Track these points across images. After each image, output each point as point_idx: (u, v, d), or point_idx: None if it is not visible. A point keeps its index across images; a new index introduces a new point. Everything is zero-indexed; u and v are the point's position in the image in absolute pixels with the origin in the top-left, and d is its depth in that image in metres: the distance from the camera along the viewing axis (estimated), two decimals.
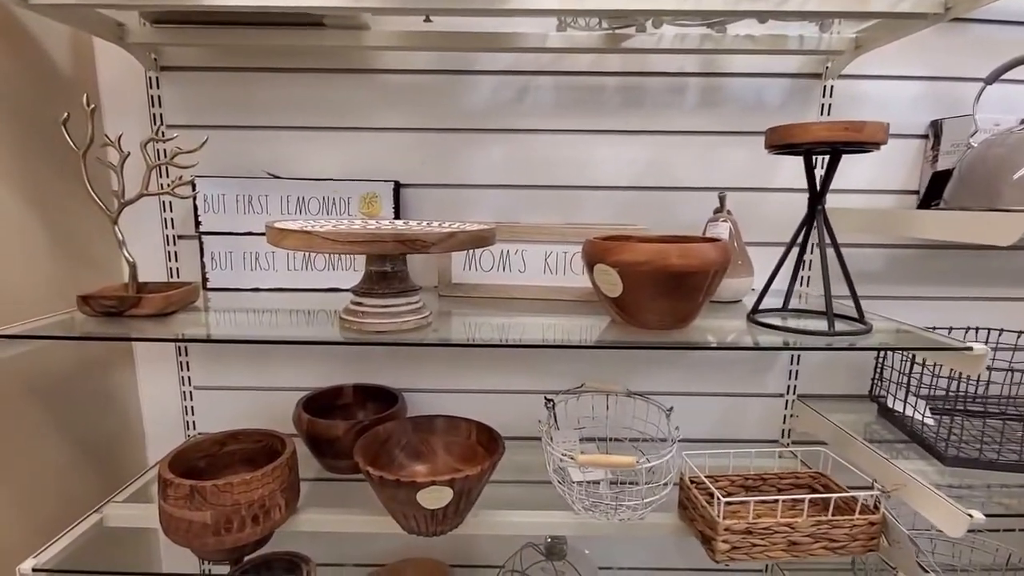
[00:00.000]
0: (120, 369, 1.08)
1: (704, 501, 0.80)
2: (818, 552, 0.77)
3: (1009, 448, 0.87)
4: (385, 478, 0.74)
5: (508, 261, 0.95)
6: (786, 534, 0.76)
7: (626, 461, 0.76)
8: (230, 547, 0.77)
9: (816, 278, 1.06)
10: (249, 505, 0.77)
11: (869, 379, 1.07)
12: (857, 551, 0.78)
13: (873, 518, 0.77)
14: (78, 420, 0.98)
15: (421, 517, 0.78)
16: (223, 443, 0.91)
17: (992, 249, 1.06)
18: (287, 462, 0.82)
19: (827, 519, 0.76)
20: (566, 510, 0.86)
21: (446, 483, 0.74)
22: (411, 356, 1.10)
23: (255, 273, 0.99)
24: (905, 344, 0.77)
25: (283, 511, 0.82)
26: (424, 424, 0.94)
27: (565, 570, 0.95)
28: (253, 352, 1.10)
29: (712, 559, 0.77)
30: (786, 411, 1.12)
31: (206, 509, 0.75)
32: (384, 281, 0.73)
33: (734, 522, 0.75)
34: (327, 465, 0.98)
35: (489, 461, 0.79)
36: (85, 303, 0.78)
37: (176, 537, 0.77)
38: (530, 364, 1.10)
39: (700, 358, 1.10)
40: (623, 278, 0.70)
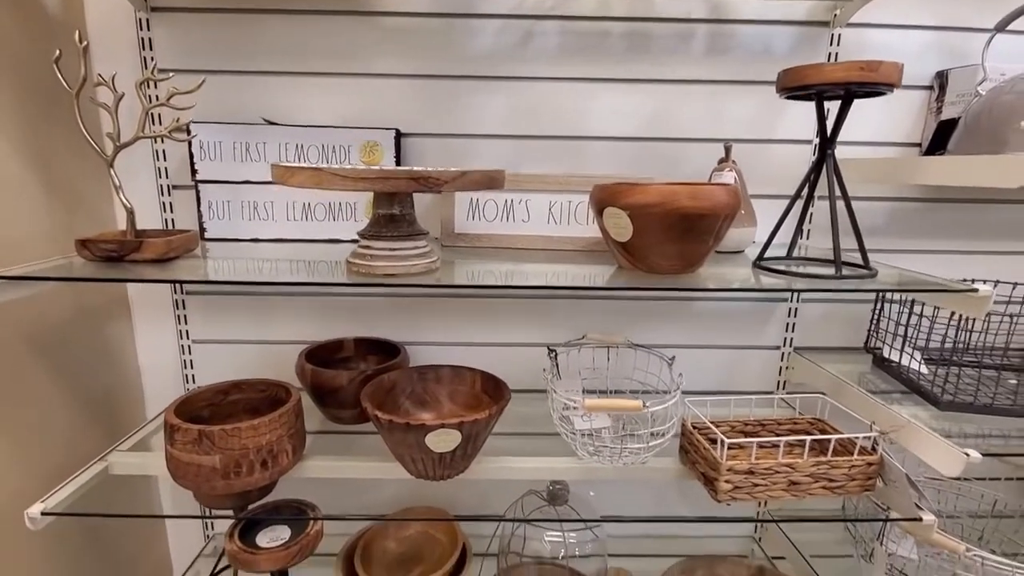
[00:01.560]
0: (117, 321, 1.06)
1: (706, 444, 0.81)
2: (817, 492, 0.79)
3: (1003, 395, 0.90)
4: (394, 422, 0.74)
5: (512, 211, 0.94)
6: (787, 474, 0.78)
7: (632, 404, 0.77)
8: (239, 491, 0.78)
9: (817, 231, 1.06)
10: (257, 450, 0.77)
11: (865, 331, 1.09)
12: (854, 491, 0.80)
13: (871, 459, 0.79)
14: (76, 372, 0.97)
15: (429, 461, 0.79)
16: (226, 392, 0.91)
17: (995, 202, 1.07)
18: (293, 409, 0.82)
19: (826, 460, 0.78)
20: (569, 456, 0.88)
21: (454, 426, 0.74)
22: (412, 308, 1.10)
23: (254, 223, 0.98)
24: (910, 286, 0.77)
25: (290, 457, 0.82)
26: (429, 373, 0.94)
27: (567, 515, 0.97)
28: (252, 305, 1.09)
29: (714, 499, 0.78)
30: (782, 363, 1.13)
31: (214, 453, 0.75)
32: (392, 224, 0.72)
33: (736, 462, 0.77)
34: (331, 415, 0.98)
35: (496, 406, 0.79)
36: (84, 247, 0.76)
37: (185, 482, 0.77)
38: (533, 316, 1.11)
39: (701, 310, 1.11)
40: (633, 221, 0.70)
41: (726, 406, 0.94)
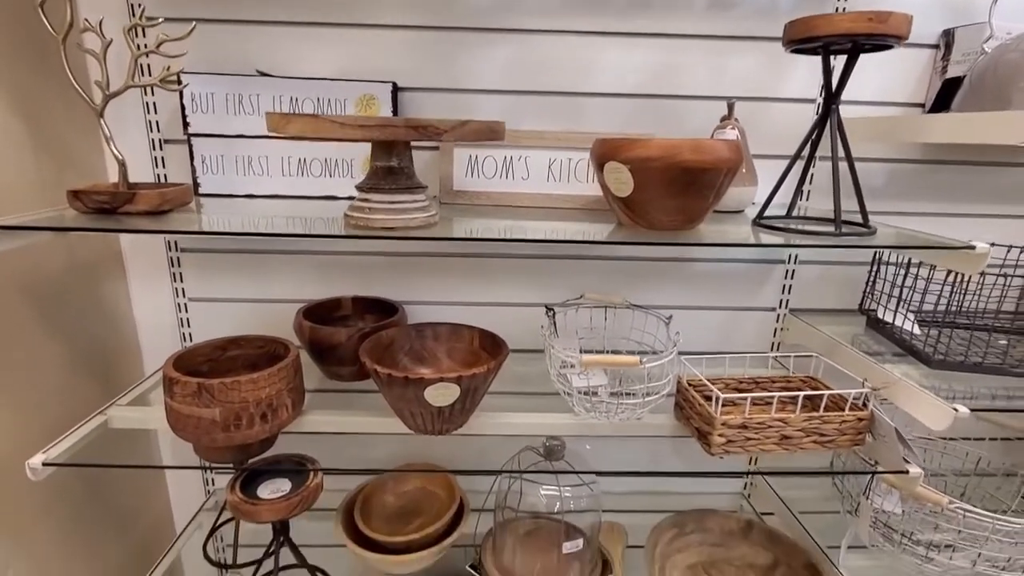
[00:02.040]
0: (112, 279, 1.06)
1: (701, 400, 0.82)
2: (808, 446, 0.81)
3: (993, 354, 0.91)
4: (393, 375, 0.75)
5: (511, 168, 0.93)
6: (779, 428, 0.79)
7: (629, 360, 0.78)
8: (239, 443, 0.78)
9: (817, 193, 1.06)
10: (257, 403, 0.78)
11: (860, 293, 1.10)
12: (844, 445, 0.82)
13: (862, 414, 0.81)
14: (72, 328, 0.96)
15: (428, 415, 0.80)
16: (224, 348, 0.91)
17: (997, 165, 1.06)
18: (292, 364, 0.83)
19: (818, 415, 0.80)
20: (566, 413, 0.89)
21: (453, 380, 0.75)
22: (410, 268, 1.09)
23: (248, 178, 0.96)
24: (908, 243, 0.78)
25: (290, 411, 0.83)
26: (427, 331, 0.95)
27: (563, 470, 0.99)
28: (248, 263, 1.08)
29: (708, 452, 0.80)
30: (777, 324, 1.15)
31: (214, 406, 0.76)
32: (391, 176, 0.71)
33: (730, 417, 0.78)
34: (329, 372, 0.99)
35: (495, 361, 0.80)
36: (76, 198, 0.75)
37: (185, 434, 0.78)
38: (531, 277, 1.11)
39: (699, 271, 1.11)
40: (634, 175, 0.69)
41: (721, 365, 0.95)
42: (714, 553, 1.05)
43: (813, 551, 0.99)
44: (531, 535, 1.08)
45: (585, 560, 1.01)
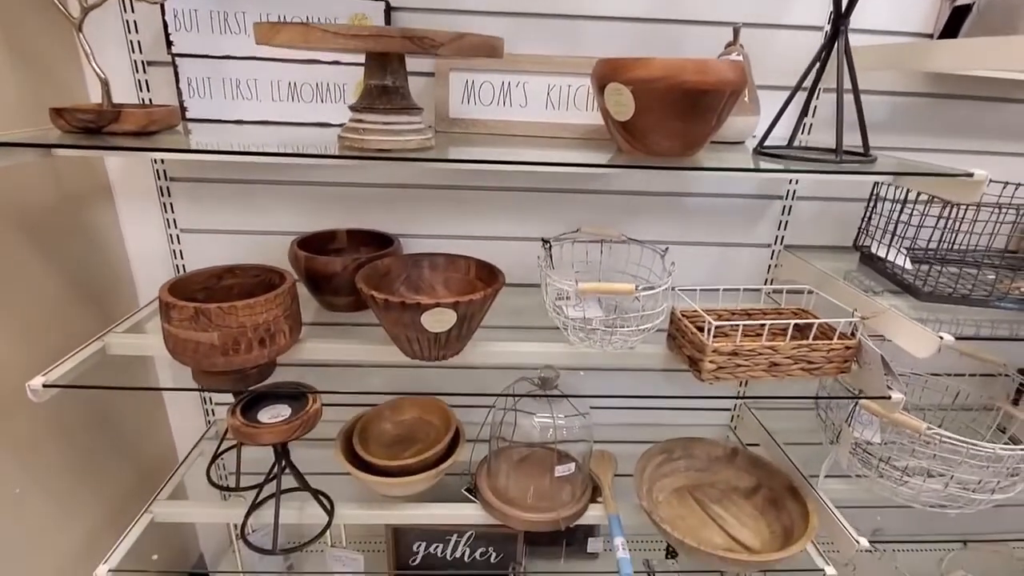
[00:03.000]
0: (101, 210, 1.04)
1: (694, 329, 0.84)
2: (795, 373, 0.83)
3: (981, 288, 0.92)
4: (390, 301, 0.75)
5: (509, 94, 0.91)
6: (768, 356, 0.81)
7: (624, 288, 0.79)
8: (239, 367, 0.79)
9: (819, 127, 1.04)
10: (255, 328, 0.78)
11: (855, 230, 1.10)
12: (831, 373, 0.84)
13: (849, 343, 0.83)
14: (64, 259, 0.96)
15: (424, 341, 0.81)
16: (220, 276, 0.90)
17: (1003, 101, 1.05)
18: (288, 291, 0.83)
19: (807, 343, 0.82)
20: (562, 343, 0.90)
21: (450, 306, 0.76)
22: (406, 200, 1.08)
23: (237, 103, 0.93)
24: (907, 171, 0.77)
25: (287, 337, 0.83)
26: (424, 261, 0.94)
27: (557, 400, 1.01)
28: (240, 194, 1.06)
29: (698, 379, 0.82)
30: (771, 261, 1.15)
31: (212, 330, 0.76)
32: (385, 96, 0.69)
33: (721, 344, 0.79)
34: (326, 303, 0.99)
35: (491, 288, 0.80)
36: (60, 116, 0.72)
37: (184, 358, 0.79)
38: (527, 210, 1.10)
39: (695, 206, 1.11)
40: (636, 97, 0.68)
41: (715, 299, 0.96)
42: (700, 478, 1.09)
43: (794, 475, 1.04)
44: (525, 461, 1.12)
45: (576, 484, 1.05)
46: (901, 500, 0.99)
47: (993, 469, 0.91)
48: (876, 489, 1.01)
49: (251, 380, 0.97)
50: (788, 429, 1.20)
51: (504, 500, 1.01)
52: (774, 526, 0.99)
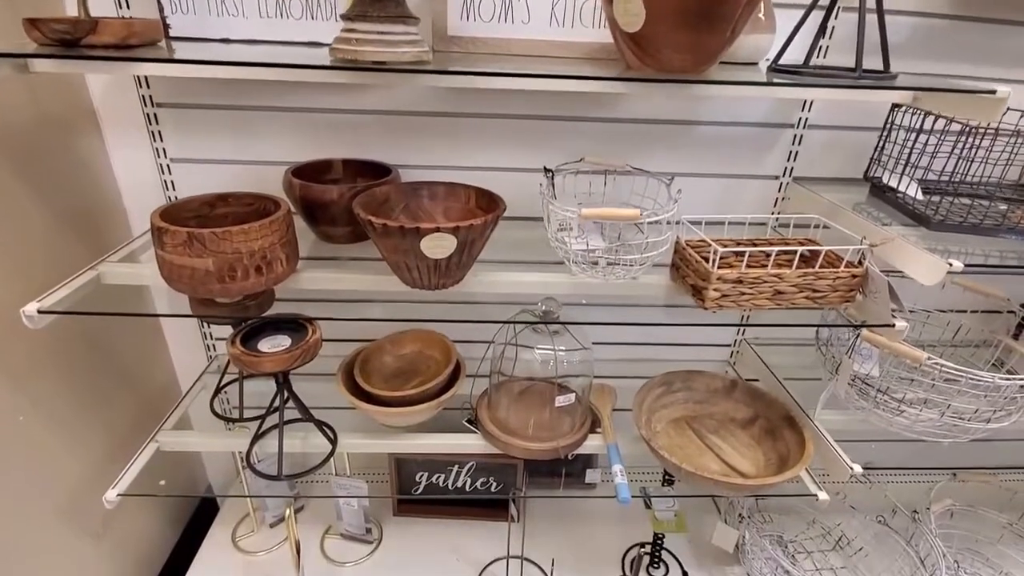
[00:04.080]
0: (87, 137, 1.00)
1: (698, 258, 0.82)
2: (800, 302, 0.82)
3: (992, 218, 0.90)
4: (389, 226, 0.73)
5: (510, 10, 0.86)
6: (773, 284, 0.80)
7: (629, 213, 0.77)
8: (236, 293, 0.78)
9: (835, 49, 0.99)
10: (251, 255, 0.77)
11: (866, 161, 1.07)
12: (835, 302, 0.83)
13: (856, 271, 0.81)
14: (52, 189, 0.93)
15: (424, 268, 0.79)
16: (213, 204, 0.88)
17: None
18: (284, 218, 0.81)
19: (813, 271, 0.80)
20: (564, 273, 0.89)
21: (450, 231, 0.74)
22: (403, 128, 1.04)
23: (222, 20, 0.88)
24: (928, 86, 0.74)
25: (284, 265, 0.82)
26: (423, 189, 0.92)
27: (558, 330, 1.01)
28: (231, 121, 1.02)
29: (701, 307, 0.81)
30: (779, 194, 1.13)
31: (207, 256, 0.74)
32: (379, 3, 0.65)
33: (726, 271, 0.78)
34: (323, 235, 0.97)
35: (492, 214, 0.78)
36: (34, 27, 0.68)
37: (180, 285, 0.78)
38: (529, 139, 1.06)
39: (703, 135, 1.07)
40: (646, 4, 0.64)
41: (720, 232, 0.94)
42: (698, 409, 1.11)
43: (792, 407, 1.05)
44: (525, 394, 1.13)
45: (576, 415, 1.06)
46: (896, 431, 1.00)
47: (990, 399, 0.92)
48: (872, 420, 1.02)
49: (250, 313, 0.96)
50: (787, 365, 1.21)
51: (504, 430, 1.02)
52: (770, 455, 1.01)
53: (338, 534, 1.28)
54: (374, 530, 1.28)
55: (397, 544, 1.28)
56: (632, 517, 1.31)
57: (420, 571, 1.21)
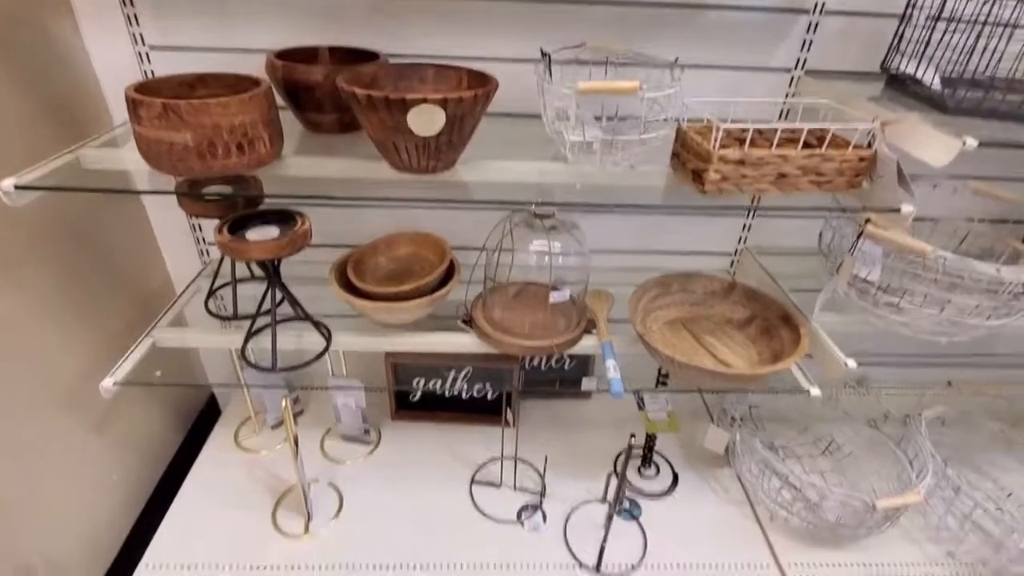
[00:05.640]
0: (62, 22, 0.95)
1: (700, 140, 0.78)
2: (804, 186, 0.79)
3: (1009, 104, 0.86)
4: (373, 97, 0.70)
5: None
6: (777, 166, 0.77)
7: (629, 86, 0.73)
8: (218, 172, 0.76)
9: None
10: (231, 130, 0.74)
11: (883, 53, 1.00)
12: (841, 187, 0.80)
13: (864, 153, 0.78)
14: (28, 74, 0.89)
15: (412, 148, 0.76)
16: (192, 85, 0.84)
17: None
18: (265, 94, 0.77)
19: (820, 152, 0.77)
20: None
21: (438, 103, 0.70)
22: (391, 13, 0.99)
23: None
24: None
25: (268, 147, 0.79)
26: (411, 72, 0.87)
27: (554, 226, 0.99)
28: (212, 5, 0.97)
29: (700, 191, 0.78)
30: (790, 88, 1.07)
31: (184, 130, 0.71)
32: None
33: (728, 151, 0.75)
34: (309, 123, 0.94)
35: (483, 90, 0.74)
36: None
37: (159, 163, 0.75)
38: (525, 25, 1.00)
39: (710, 22, 1.01)
40: None
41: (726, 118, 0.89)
42: (695, 311, 1.10)
43: (789, 307, 1.04)
44: (520, 296, 1.12)
45: (571, 316, 1.06)
46: (895, 329, 0.99)
47: (993, 294, 0.90)
48: (871, 321, 1.01)
49: (238, 206, 0.94)
50: (789, 274, 1.18)
51: (499, 330, 1.02)
52: (764, 352, 1.00)
53: (337, 436, 1.31)
54: (372, 432, 1.31)
55: (395, 446, 1.31)
56: (625, 422, 1.33)
57: (417, 469, 1.25)
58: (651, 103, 0.76)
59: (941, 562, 1.10)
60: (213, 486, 1.19)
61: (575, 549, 1.09)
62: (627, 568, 1.06)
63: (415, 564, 1.05)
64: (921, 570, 1.09)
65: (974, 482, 1.10)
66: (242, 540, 1.08)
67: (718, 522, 1.17)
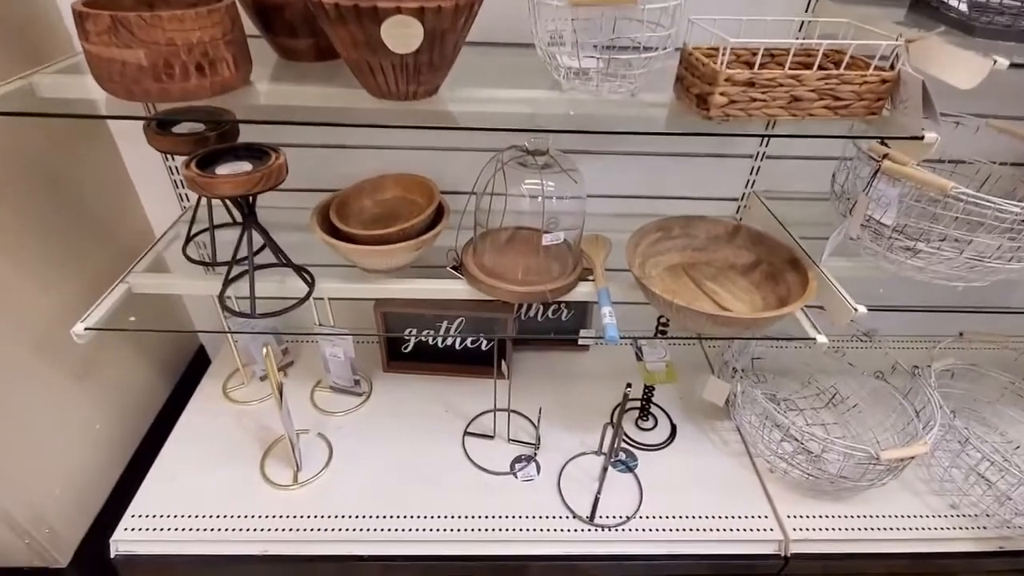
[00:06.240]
0: None
1: (706, 60, 0.71)
2: (818, 111, 0.72)
3: None
4: (342, 5, 0.63)
5: None
6: (790, 88, 0.70)
7: None
8: (178, 96, 0.69)
9: None
10: (188, 49, 0.67)
11: None
12: (859, 113, 0.73)
13: (887, 75, 0.71)
14: None
15: (389, 69, 0.69)
16: (151, 5, 0.77)
17: None
18: (227, 9, 0.70)
19: (837, 73, 0.70)
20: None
21: (413, 13, 0.63)
22: None
23: None
24: None
25: (232, 70, 0.72)
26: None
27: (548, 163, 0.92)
28: None
29: (706, 116, 0.72)
30: (807, 16, 0.99)
31: (137, 47, 0.65)
32: None
33: (736, 72, 0.68)
34: (281, 47, 0.86)
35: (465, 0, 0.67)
36: None
37: (112, 85, 0.69)
38: None
39: None
40: None
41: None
42: (697, 256, 1.04)
43: (796, 250, 0.98)
44: (512, 241, 1.06)
45: (567, 261, 1.00)
46: (909, 274, 0.93)
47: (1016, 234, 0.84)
48: (884, 265, 0.95)
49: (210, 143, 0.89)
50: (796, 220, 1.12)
51: (491, 276, 0.97)
52: (769, 297, 0.95)
53: (327, 387, 1.28)
54: (363, 383, 1.28)
55: (387, 397, 1.28)
56: (623, 374, 1.30)
57: (409, 420, 1.22)
58: (653, 21, 0.69)
59: (944, 514, 1.07)
60: (201, 437, 1.17)
61: (569, 500, 1.07)
62: (622, 519, 1.04)
63: (405, 515, 1.03)
64: (923, 522, 1.06)
65: (981, 435, 1.06)
66: (230, 490, 1.06)
67: (716, 474, 1.14)
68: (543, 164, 0.92)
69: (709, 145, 1.15)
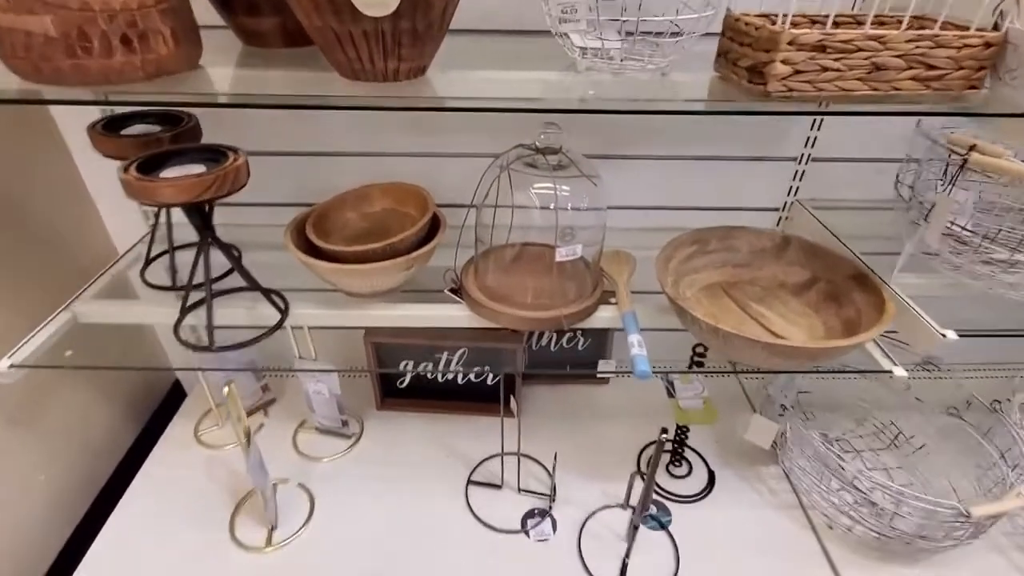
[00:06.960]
0: None
1: (759, 24, 0.57)
2: (905, 84, 0.57)
3: None
4: None
5: None
6: (871, 53, 0.55)
7: None
8: (99, 76, 0.56)
9: None
10: (110, 17, 0.54)
11: None
12: (956, 85, 0.58)
13: (991, 37, 0.56)
14: None
15: (362, 40, 0.56)
16: None
17: None
18: None
19: (931, 33, 0.55)
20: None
21: None
22: None
23: None
24: None
25: (169, 45, 0.59)
26: None
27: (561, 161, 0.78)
28: None
29: (762, 92, 0.57)
30: None
31: (42, 12, 0.52)
32: None
33: (804, 32, 0.53)
34: (243, 30, 0.74)
35: None
36: None
37: (19, 63, 0.55)
38: None
39: None
40: None
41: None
42: (739, 274, 0.88)
43: (860, 266, 0.82)
44: (520, 258, 0.92)
45: (584, 281, 0.85)
46: (1000, 291, 0.77)
47: None
48: (966, 281, 0.79)
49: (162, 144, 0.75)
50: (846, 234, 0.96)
51: (495, 299, 0.82)
52: (831, 322, 0.79)
53: (312, 428, 1.13)
54: (352, 423, 1.12)
55: (379, 439, 1.12)
56: (650, 411, 1.13)
57: (404, 468, 1.06)
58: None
59: None
60: (164, 489, 1.01)
61: (591, 564, 0.89)
62: None
63: None
64: None
65: None
66: (192, 556, 0.90)
67: (765, 530, 0.96)
68: (556, 164, 0.78)
69: (747, 147, 1.00)
